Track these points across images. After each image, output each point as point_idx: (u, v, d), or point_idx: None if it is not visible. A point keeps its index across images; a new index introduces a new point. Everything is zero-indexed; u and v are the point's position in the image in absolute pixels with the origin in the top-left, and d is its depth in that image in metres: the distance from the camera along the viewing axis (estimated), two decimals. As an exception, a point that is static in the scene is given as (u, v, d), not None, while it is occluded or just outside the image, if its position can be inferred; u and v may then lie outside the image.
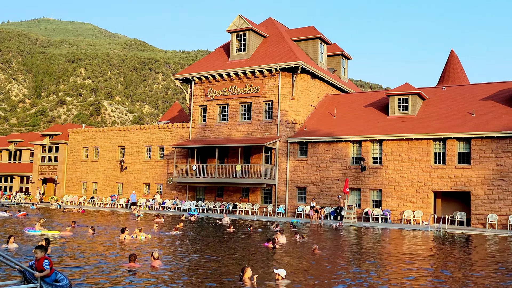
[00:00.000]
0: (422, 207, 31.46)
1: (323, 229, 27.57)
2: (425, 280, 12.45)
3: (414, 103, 34.18)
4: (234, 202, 38.69)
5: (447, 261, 16.08)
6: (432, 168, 31.38)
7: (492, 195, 29.53)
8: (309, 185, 35.37)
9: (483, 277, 12.97)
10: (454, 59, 44.63)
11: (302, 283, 11.51)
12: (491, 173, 29.65)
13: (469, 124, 31.03)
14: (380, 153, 33.44)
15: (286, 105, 36.93)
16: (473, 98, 33.75)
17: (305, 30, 42.19)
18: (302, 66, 35.92)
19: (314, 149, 35.45)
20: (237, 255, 16.05)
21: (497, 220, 29.09)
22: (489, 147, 29.88)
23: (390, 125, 33.74)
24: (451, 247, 20.14)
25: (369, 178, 33.33)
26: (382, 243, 21.23)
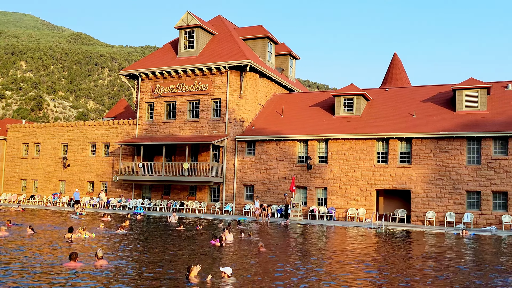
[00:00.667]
0: (365, 205, 32.40)
1: (269, 227, 27.85)
2: (367, 275, 12.85)
3: (358, 104, 35.13)
4: (181, 200, 38.37)
5: (387, 256, 16.66)
6: (375, 167, 32.39)
7: (430, 193, 30.83)
8: (257, 183, 35.62)
9: (419, 270, 13.55)
10: (397, 61, 46.21)
11: (247, 281, 11.61)
12: (430, 172, 30.95)
13: (410, 125, 32.25)
14: (326, 152, 34.16)
15: (234, 104, 37.00)
16: (414, 100, 35.09)
17: (254, 29, 42.40)
18: (250, 65, 36.09)
19: (262, 148, 35.73)
20: (184, 253, 15.95)
21: (435, 217, 30.41)
22: (428, 147, 31.17)
23: (335, 125, 34.52)
24: (391, 243, 20.86)
25: (315, 176, 33.97)
26: (326, 240, 21.71)
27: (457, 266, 14.70)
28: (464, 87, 32.09)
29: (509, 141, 29.30)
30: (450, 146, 30.67)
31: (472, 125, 30.58)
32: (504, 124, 29.88)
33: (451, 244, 21.21)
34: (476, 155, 30.28)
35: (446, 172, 30.57)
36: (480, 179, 29.79)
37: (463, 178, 30.17)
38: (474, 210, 29.95)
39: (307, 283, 11.56)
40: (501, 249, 19.47)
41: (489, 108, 31.86)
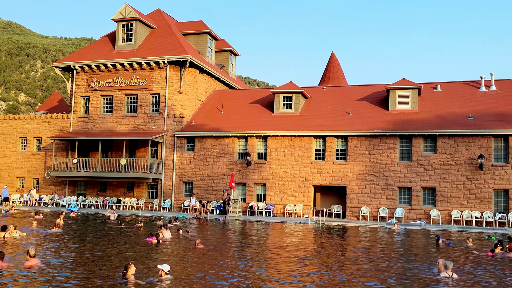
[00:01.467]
0: (303, 201, 33.05)
1: (208, 223, 27.80)
2: (304, 268, 13.13)
3: (297, 102, 35.72)
4: (118, 197, 37.47)
5: (323, 249, 17.10)
6: (313, 164, 33.10)
7: (365, 189, 31.92)
8: (196, 179, 35.42)
9: (353, 263, 14.02)
10: (334, 61, 47.38)
11: (185, 278, 11.54)
12: (365, 169, 32.03)
13: (346, 123, 33.19)
14: (265, 148, 34.50)
15: (173, 99, 36.56)
16: (350, 99, 36.13)
17: (194, 24, 42.03)
18: (190, 60, 35.77)
19: (201, 144, 35.56)
20: (120, 251, 15.62)
21: (369, 212, 31.52)
22: (363, 144, 32.23)
23: (275, 122, 34.93)
24: (327, 238, 21.42)
25: (254, 173, 34.24)
26: (264, 236, 21.95)
27: (388, 258, 15.32)
28: (397, 87, 33.42)
29: (438, 140, 30.84)
30: (383, 144, 31.87)
31: (404, 124, 31.92)
32: (433, 123, 31.41)
33: (383, 237, 22.07)
34: (407, 153, 31.65)
35: (380, 169, 31.75)
36: (411, 176, 31.17)
37: (395, 174, 31.45)
38: (405, 205, 31.31)
39: (245, 278, 11.66)
40: (427, 242, 20.49)
41: (420, 108, 33.37)
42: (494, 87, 34.23)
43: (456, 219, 29.82)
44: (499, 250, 16.84)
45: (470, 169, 30.17)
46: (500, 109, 31.80)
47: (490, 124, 30.18)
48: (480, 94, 33.95)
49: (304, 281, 11.46)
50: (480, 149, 30.04)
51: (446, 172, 30.56)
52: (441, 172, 30.65)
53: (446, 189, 30.45)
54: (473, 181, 30.07)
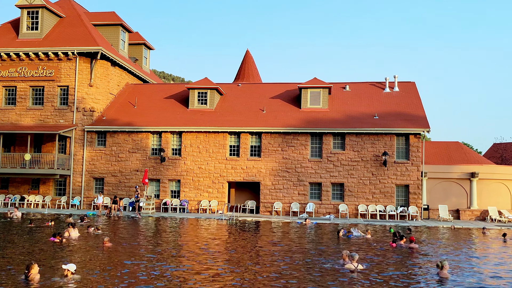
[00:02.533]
0: (217, 197, 33.18)
1: (120, 221, 27.06)
2: (219, 263, 13.22)
3: (212, 98, 35.74)
4: (21, 194, 35.31)
5: (237, 244, 17.31)
6: (228, 160, 33.32)
7: (278, 185, 32.69)
8: (107, 175, 34.30)
9: (264, 257, 14.35)
10: (249, 58, 47.94)
11: (92, 278, 11.19)
12: (278, 165, 32.80)
13: (260, 120, 33.76)
14: (179, 144, 34.18)
15: (83, 92, 35.08)
16: (264, 96, 36.79)
17: (106, 15, 40.55)
18: (102, 52, 34.50)
19: (113, 139, 34.48)
20: (22, 251, 14.76)
21: (281, 207, 32.34)
22: (276, 141, 32.98)
23: (189, 118, 34.70)
24: (241, 233, 21.70)
25: (169, 169, 33.82)
26: (178, 232, 21.79)
27: (297, 252, 15.84)
28: (309, 86, 34.54)
29: (346, 137, 32.31)
30: (296, 140, 32.82)
31: (315, 121, 33.08)
32: (342, 122, 32.85)
33: (295, 232, 22.75)
34: (318, 150, 32.85)
35: (292, 165, 32.67)
36: (321, 172, 32.40)
37: (307, 170, 32.53)
38: (315, 200, 32.50)
39: (156, 277, 11.53)
40: (333, 236, 21.44)
41: (330, 107, 34.74)
42: (397, 89, 36.44)
43: (362, 213, 31.45)
44: (404, 242, 18.02)
45: (375, 165, 31.93)
46: (402, 109, 33.93)
47: (393, 123, 32.14)
48: (385, 95, 36.00)
49: (216, 278, 11.55)
50: (384, 146, 31.90)
51: (353, 168, 32.12)
52: (349, 168, 32.16)
53: (353, 185, 32.01)
54: (377, 177, 31.86)
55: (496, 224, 29.72)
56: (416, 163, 31.61)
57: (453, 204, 32.87)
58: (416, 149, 31.68)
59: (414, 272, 12.64)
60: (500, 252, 17.89)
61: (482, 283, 11.38)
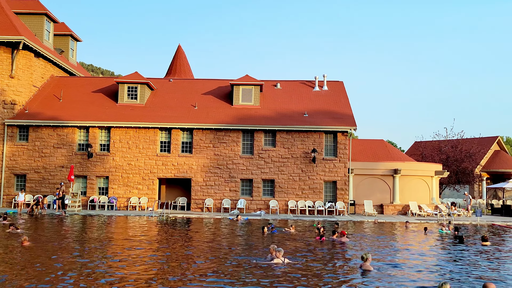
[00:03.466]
0: (147, 194, 32.60)
1: (44, 219, 25.88)
2: (147, 260, 13.01)
3: (143, 92, 35.01)
4: None
5: (167, 241, 17.13)
6: (158, 156, 32.81)
7: (209, 181, 32.64)
8: (30, 172, 32.67)
9: (193, 254, 14.32)
10: (181, 53, 47.39)
11: (8, 279, 10.65)
12: (209, 162, 32.74)
13: (192, 116, 33.51)
14: (108, 140, 33.21)
15: (4, 84, 33.14)
16: (196, 92, 36.55)
17: (29, 3, 38.50)
18: (24, 42, 32.75)
19: (37, 134, 32.89)
20: None
21: (212, 204, 32.32)
22: (208, 137, 32.89)
23: (119, 113, 33.79)
24: (172, 230, 21.48)
25: (96, 165, 32.77)
26: (106, 230, 21.20)
27: (226, 247, 15.93)
28: (241, 83, 34.73)
29: (277, 134, 32.83)
30: (227, 137, 32.90)
31: (246, 118, 33.32)
32: (273, 119, 33.33)
33: (226, 228, 22.84)
34: (249, 146, 33.13)
35: (224, 161, 32.73)
36: (253, 168, 32.72)
37: (238, 167, 32.72)
38: (247, 196, 32.77)
39: (77, 276, 11.17)
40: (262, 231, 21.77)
41: (261, 104, 35.13)
42: (326, 87, 37.50)
43: (292, 208, 32.12)
44: (336, 236, 18.60)
45: (304, 162, 32.70)
46: (330, 107, 34.96)
47: (322, 121, 33.05)
48: (314, 93, 36.93)
49: (143, 276, 11.39)
50: (313, 144, 32.73)
51: (284, 165, 32.70)
52: (279, 165, 32.71)
53: (283, 181, 32.60)
54: (307, 173, 32.65)
55: (416, 218, 31.40)
56: (343, 160, 32.72)
57: (378, 199, 34.35)
58: (344, 147, 32.78)
59: (339, 265, 13.10)
60: (420, 244, 18.94)
61: (403, 275, 12.00)
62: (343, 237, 18.30)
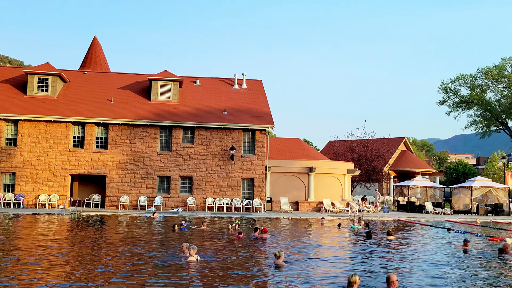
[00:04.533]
0: (58, 191, 31.12)
1: None
2: (56, 259, 12.46)
3: (54, 85, 33.35)
4: None
5: (79, 240, 16.48)
6: (71, 152, 31.43)
7: (125, 178, 31.79)
8: None
9: (106, 252, 13.92)
10: (96, 45, 45.66)
11: None
12: (125, 158, 31.88)
13: (107, 111, 32.44)
14: (15, 134, 31.29)
15: None
16: (112, 86, 35.42)
17: None
18: None
19: None
20: None
21: (128, 201, 31.51)
22: (124, 133, 32.02)
23: (28, 105, 31.93)
24: (84, 228, 20.68)
25: (1, 160, 30.76)
26: (11, 230, 19.98)
27: (142, 244, 15.65)
28: (159, 79, 34.15)
29: (196, 131, 32.67)
30: (145, 133, 32.23)
31: (165, 114, 32.84)
32: (192, 116, 33.12)
33: (141, 226, 22.39)
34: (167, 143, 32.69)
35: (140, 158, 32.03)
36: (170, 165, 32.31)
37: (156, 164, 32.17)
38: (164, 193, 32.31)
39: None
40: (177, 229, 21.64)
41: (180, 100, 34.78)
42: (245, 86, 37.88)
43: (210, 205, 32.12)
44: (257, 233, 18.81)
45: (223, 159, 32.82)
46: (249, 105, 35.36)
47: (241, 119, 33.35)
48: (233, 91, 37.16)
49: (50, 274, 10.91)
50: (232, 141, 32.95)
51: (202, 162, 32.61)
52: (198, 162, 32.57)
53: (201, 178, 32.51)
54: (225, 170, 32.80)
55: (329, 214, 32.62)
56: (261, 158, 33.23)
57: (294, 196, 35.26)
58: (262, 145, 33.30)
59: (253, 261, 13.32)
60: (334, 239, 19.73)
61: (316, 269, 12.45)
62: (265, 234, 18.60)
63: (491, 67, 55.54)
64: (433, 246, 17.69)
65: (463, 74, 57.58)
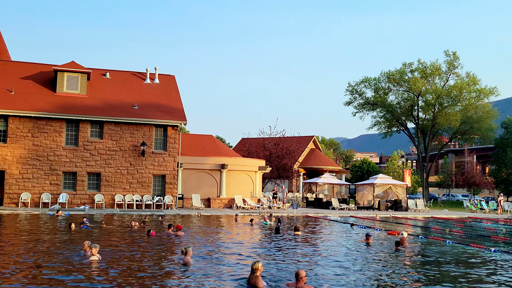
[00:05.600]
0: (-51, 188, 28.62)
1: None
2: None
3: None
4: None
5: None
6: (-36, 145, 29.05)
7: (26, 174, 29.96)
8: None
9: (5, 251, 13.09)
10: (-3, 32, 42.51)
11: None
12: (27, 152, 30.04)
13: (7, 102, 30.35)
14: None
15: None
16: (13, 76, 33.19)
17: None
18: None
19: None
20: None
21: (30, 198, 29.72)
22: (26, 126, 30.15)
23: None
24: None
25: None
26: None
27: (42, 243, 14.87)
28: (66, 70, 32.55)
29: (105, 126, 31.54)
30: (49, 126, 30.57)
31: (71, 107, 31.35)
32: (100, 110, 31.93)
33: (43, 224, 21.24)
34: (74, 137, 31.25)
35: (44, 152, 30.34)
36: (77, 161, 30.93)
37: (61, 159, 30.64)
38: (70, 190, 30.86)
39: None
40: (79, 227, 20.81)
41: (89, 93, 33.38)
42: (157, 80, 37.18)
43: (119, 203, 31.18)
44: (171, 230, 18.49)
45: (133, 155, 32.00)
46: (161, 101, 34.78)
47: (153, 114, 32.71)
48: (145, 86, 36.34)
49: None
50: (143, 137, 32.22)
51: (111, 158, 31.57)
52: (106, 157, 31.48)
53: (110, 174, 31.47)
54: (135, 166, 32.01)
55: (241, 211, 33.00)
56: (173, 154, 32.82)
57: (205, 193, 35.23)
58: (174, 141, 32.89)
59: (161, 259, 13.15)
60: (245, 235, 19.98)
61: (224, 263, 12.55)
62: (179, 231, 18.40)
63: (393, 71, 59.17)
64: (338, 241, 18.52)
65: (368, 77, 60.86)
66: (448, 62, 57.43)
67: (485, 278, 11.55)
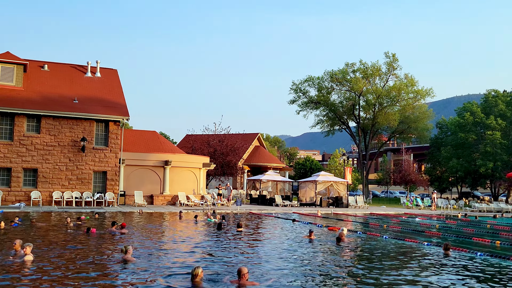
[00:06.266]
0: None
1: None
2: None
3: None
4: None
5: None
6: None
7: (-45, 170, 28.30)
8: None
9: None
10: None
11: None
12: (-43, 147, 28.38)
13: None
14: None
15: None
16: None
17: None
18: None
19: None
20: None
21: (-41, 195, 28.12)
22: (-44, 119, 28.46)
23: None
24: None
25: None
26: None
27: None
28: (0, 60, 31.02)
29: (42, 120, 30.33)
30: (-19, 120, 29.03)
31: (6, 100, 29.92)
32: (38, 103, 30.68)
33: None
34: (9, 131, 29.86)
35: (-25, 147, 28.78)
36: (12, 156, 29.59)
37: (-6, 154, 29.19)
38: (4, 187, 29.47)
39: None
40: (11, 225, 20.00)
41: (25, 86, 31.99)
42: (99, 74, 36.17)
43: (57, 200, 30.09)
44: (115, 227, 17.99)
45: (73, 151, 30.98)
46: (103, 95, 33.86)
47: (94, 109, 31.79)
48: (86, 79, 35.25)
49: None
50: (83, 132, 31.25)
51: (49, 153, 30.42)
52: (44, 153, 30.30)
53: (48, 170, 30.32)
54: (75, 162, 31.00)
55: (185, 208, 32.72)
56: (114, 150, 32.04)
57: (148, 190, 34.65)
58: (115, 136, 32.12)
59: (100, 257, 12.83)
60: (188, 231, 19.85)
61: (164, 260, 12.41)
62: (123, 229, 17.99)
63: (336, 70, 60.53)
64: (281, 237, 18.77)
65: (312, 76, 61.94)
66: (388, 63, 59.42)
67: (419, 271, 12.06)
